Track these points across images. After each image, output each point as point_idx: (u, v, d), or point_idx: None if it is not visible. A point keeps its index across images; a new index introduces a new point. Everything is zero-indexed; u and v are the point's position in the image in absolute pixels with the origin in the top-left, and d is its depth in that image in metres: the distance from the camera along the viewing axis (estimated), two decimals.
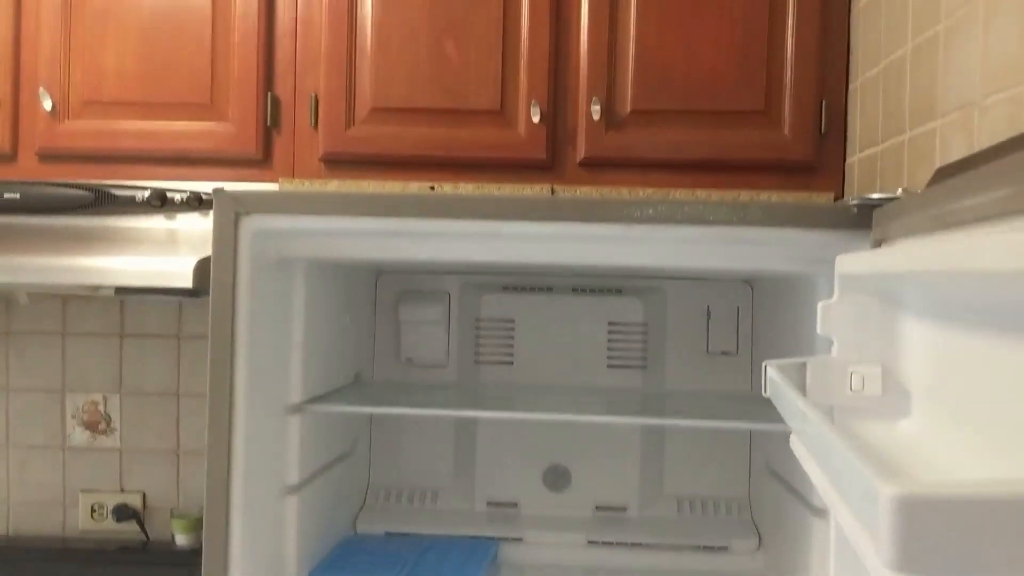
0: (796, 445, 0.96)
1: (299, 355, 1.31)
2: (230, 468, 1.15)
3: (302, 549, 1.33)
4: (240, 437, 1.15)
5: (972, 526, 0.39)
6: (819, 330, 1.00)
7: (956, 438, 0.80)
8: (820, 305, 0.99)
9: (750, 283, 1.65)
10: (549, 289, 1.68)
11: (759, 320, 1.64)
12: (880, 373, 0.97)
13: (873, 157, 1.34)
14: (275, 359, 1.26)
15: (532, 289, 1.69)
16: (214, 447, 1.15)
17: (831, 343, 1.01)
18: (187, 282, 1.37)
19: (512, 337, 1.69)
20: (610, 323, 1.68)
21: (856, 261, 0.93)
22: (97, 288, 1.47)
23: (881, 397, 0.97)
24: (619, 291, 1.67)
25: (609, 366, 1.68)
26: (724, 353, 1.66)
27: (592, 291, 1.68)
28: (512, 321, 1.69)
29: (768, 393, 0.99)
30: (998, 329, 0.71)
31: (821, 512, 1.19)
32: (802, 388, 0.99)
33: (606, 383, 1.67)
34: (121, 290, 1.46)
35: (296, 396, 1.30)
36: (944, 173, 0.95)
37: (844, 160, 1.48)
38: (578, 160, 1.50)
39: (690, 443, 1.66)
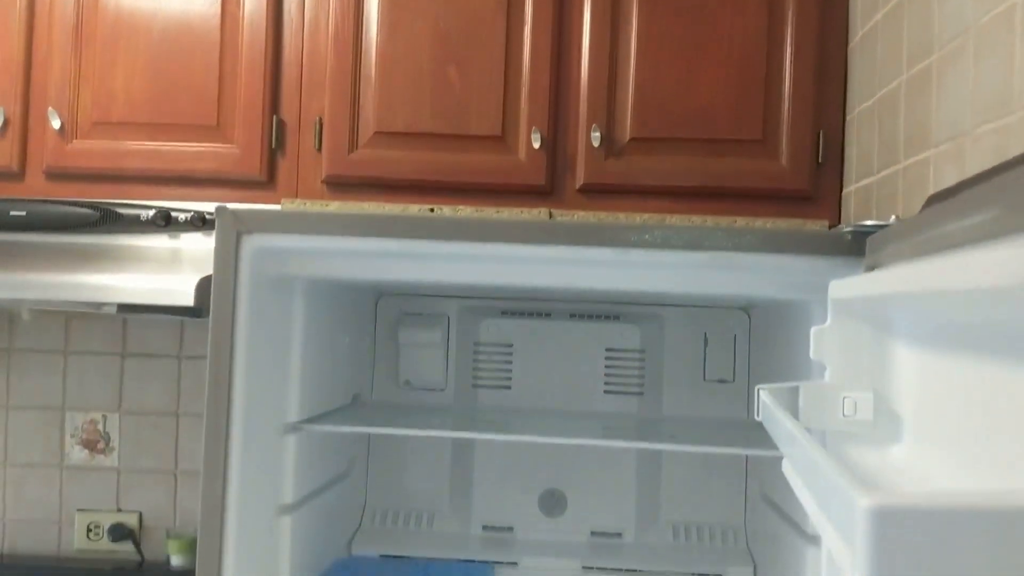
0: (787, 469, 0.97)
1: (297, 374, 1.32)
2: (225, 486, 1.16)
3: (295, 570, 1.33)
4: (236, 455, 1.16)
5: (947, 536, 0.39)
6: (812, 355, 1.01)
7: (947, 462, 0.81)
8: (813, 330, 1.00)
9: (747, 311, 1.66)
10: (547, 314, 1.70)
11: (755, 348, 1.65)
12: (872, 398, 0.98)
13: (869, 187, 1.36)
14: (273, 378, 1.27)
15: (530, 314, 1.70)
16: (210, 464, 1.15)
17: (824, 369, 1.02)
18: (188, 300, 1.38)
19: (510, 361, 1.70)
20: (607, 349, 1.69)
21: (848, 286, 0.94)
22: (100, 306, 1.48)
23: (873, 422, 0.98)
24: (616, 317, 1.69)
25: (606, 392, 1.68)
26: (721, 380, 1.67)
27: (590, 317, 1.69)
28: (510, 345, 1.70)
29: (760, 417, 1.00)
30: (987, 352, 0.72)
31: (814, 539, 1.19)
32: (795, 412, 1.00)
33: (603, 409, 1.67)
34: (124, 308, 1.47)
35: (293, 415, 1.31)
36: (935, 199, 0.97)
37: (840, 190, 1.49)
38: (577, 186, 1.52)
39: (686, 470, 1.66)
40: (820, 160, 1.49)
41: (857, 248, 1.08)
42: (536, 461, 1.68)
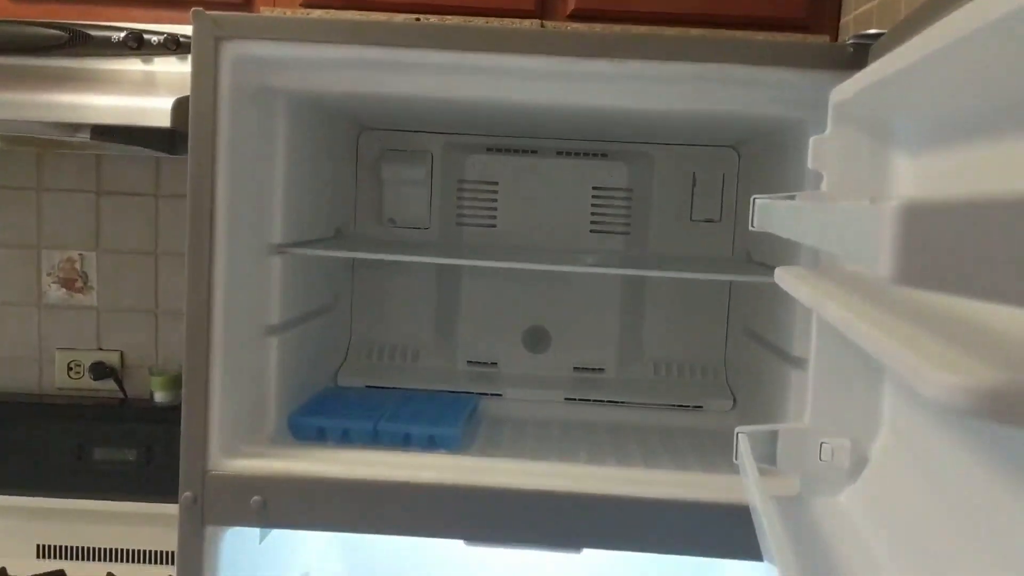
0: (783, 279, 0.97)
1: (280, 198, 1.29)
2: (211, 303, 1.14)
3: (283, 393, 1.33)
4: (221, 271, 1.14)
5: (969, 230, 0.38)
6: (810, 164, 0.99)
7: None
8: (813, 139, 0.98)
9: (736, 149, 1.64)
10: (534, 151, 1.66)
11: (744, 187, 1.63)
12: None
13: (868, 13, 1.32)
14: (256, 197, 1.24)
15: (516, 151, 1.66)
16: (194, 280, 1.14)
17: (820, 179, 1.00)
18: (165, 121, 1.34)
19: (495, 199, 1.67)
20: (594, 188, 1.66)
21: (851, 83, 0.91)
22: (74, 130, 1.43)
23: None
24: (604, 155, 1.66)
25: (592, 231, 1.67)
26: (708, 220, 1.66)
27: (577, 154, 1.66)
28: (495, 183, 1.67)
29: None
30: (982, 139, 0.71)
31: (799, 362, 1.20)
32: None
33: (589, 247, 1.66)
34: (98, 132, 1.42)
35: (277, 237, 1.29)
36: None
37: (840, 17, 1.45)
38: (568, 11, 1.46)
39: (669, 307, 1.66)
40: None
41: (859, 60, 1.05)
42: (521, 298, 1.68)
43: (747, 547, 1.12)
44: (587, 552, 1.73)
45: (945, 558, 0.70)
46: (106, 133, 1.45)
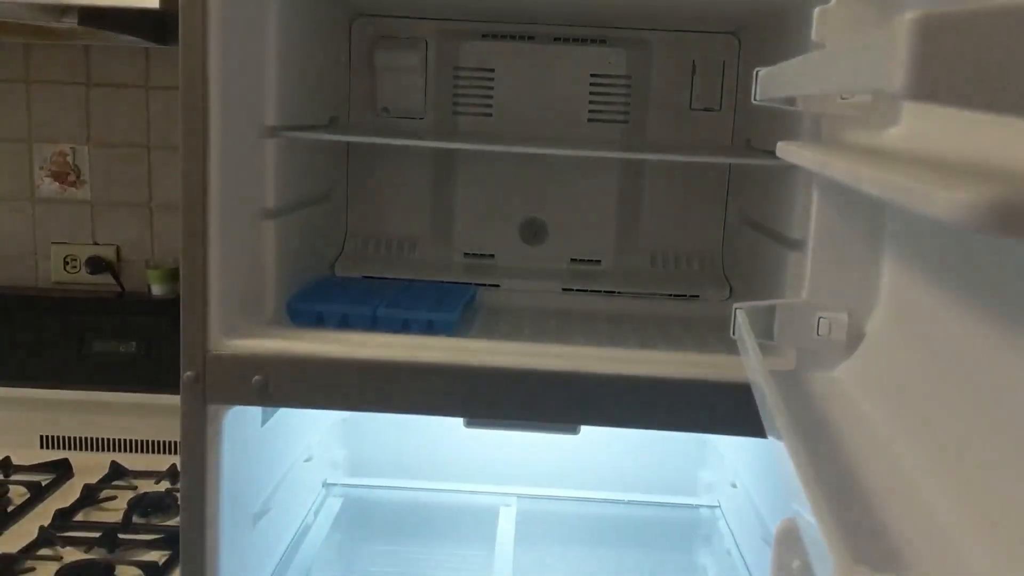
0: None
1: (274, 77, 1.26)
2: (206, 183, 1.13)
3: (280, 279, 1.33)
4: (216, 150, 1.13)
5: (983, 38, 0.37)
6: (814, 36, 0.97)
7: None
8: (817, 10, 0.96)
9: (737, 35, 1.61)
10: (530, 38, 1.63)
11: (744, 75, 1.61)
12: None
13: None
14: (249, 79, 1.22)
15: (513, 37, 1.63)
16: (189, 159, 1.12)
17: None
18: (153, 2, 1.31)
19: (491, 87, 1.65)
20: (592, 75, 1.64)
21: None
22: (61, 14, 1.39)
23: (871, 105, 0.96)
24: (603, 41, 1.63)
25: (590, 120, 1.65)
26: (707, 109, 1.64)
27: (575, 40, 1.63)
28: (491, 71, 1.64)
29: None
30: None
31: (797, 244, 1.20)
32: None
33: (586, 136, 1.65)
34: (85, 17, 1.39)
35: (271, 119, 1.27)
36: None
37: None
38: None
39: (667, 197, 1.66)
40: None
41: None
42: (517, 190, 1.66)
43: (742, 423, 1.14)
44: (585, 434, 1.77)
45: (946, 428, 0.71)
46: (94, 18, 1.42)
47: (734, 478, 1.65)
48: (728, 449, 1.76)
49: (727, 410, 1.15)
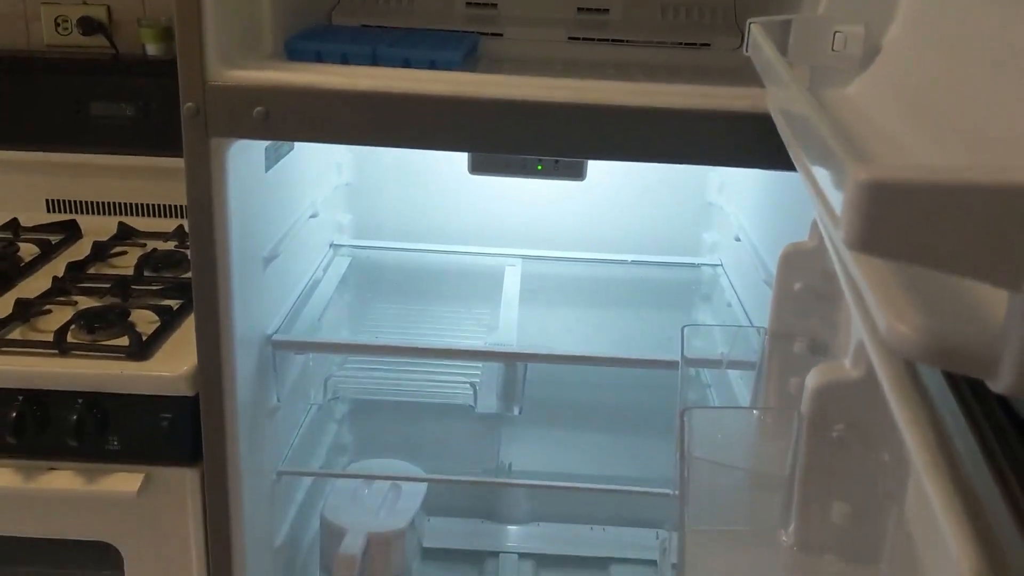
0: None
1: None
2: None
3: (277, 17, 1.29)
4: None
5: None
6: None
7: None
8: None
9: None
10: None
11: None
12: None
13: None
14: None
15: None
16: None
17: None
18: None
19: None
20: None
21: None
22: None
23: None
24: None
25: None
26: None
27: None
28: None
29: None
30: None
31: None
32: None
33: None
34: None
35: None
36: None
37: None
38: None
39: None
40: None
41: None
42: None
43: (753, 154, 1.13)
44: (590, 193, 1.77)
45: (962, 132, 0.69)
46: None
47: (738, 232, 1.65)
48: (733, 204, 1.76)
49: (736, 142, 1.14)
